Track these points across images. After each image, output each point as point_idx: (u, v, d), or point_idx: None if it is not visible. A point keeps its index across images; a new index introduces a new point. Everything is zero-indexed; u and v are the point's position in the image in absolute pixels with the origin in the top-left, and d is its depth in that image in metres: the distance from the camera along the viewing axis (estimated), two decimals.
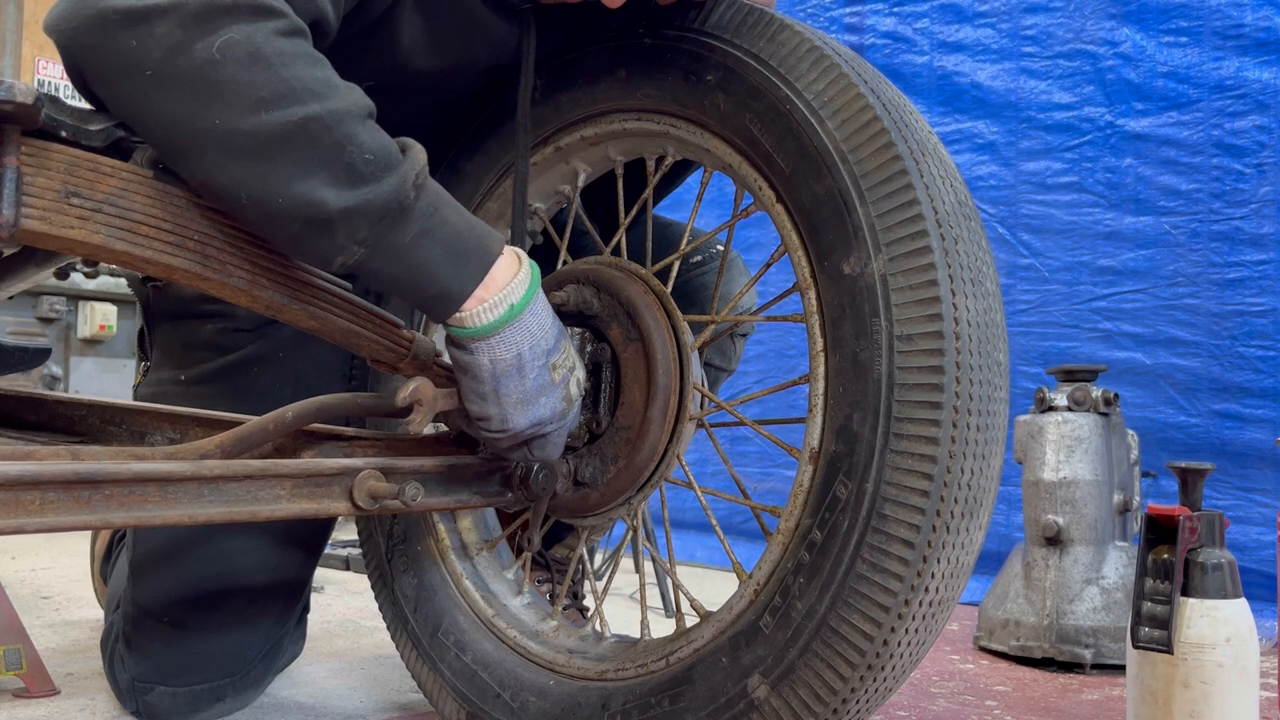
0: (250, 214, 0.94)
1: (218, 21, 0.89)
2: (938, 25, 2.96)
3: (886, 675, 1.05)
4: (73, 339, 4.30)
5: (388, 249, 0.96)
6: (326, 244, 0.95)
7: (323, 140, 0.92)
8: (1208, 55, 2.55)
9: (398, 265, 0.98)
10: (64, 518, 0.86)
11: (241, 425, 1.07)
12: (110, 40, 0.88)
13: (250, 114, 0.90)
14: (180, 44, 0.88)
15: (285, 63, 0.91)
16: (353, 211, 0.93)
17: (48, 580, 2.50)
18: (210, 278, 1.00)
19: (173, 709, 1.40)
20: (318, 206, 0.92)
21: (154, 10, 0.87)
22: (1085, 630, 1.96)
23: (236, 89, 0.89)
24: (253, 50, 0.90)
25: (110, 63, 0.89)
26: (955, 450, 1.01)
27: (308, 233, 0.94)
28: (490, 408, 1.05)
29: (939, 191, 1.05)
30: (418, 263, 0.98)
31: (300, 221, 0.93)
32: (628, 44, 1.24)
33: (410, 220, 0.97)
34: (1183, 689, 1.22)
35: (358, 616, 2.23)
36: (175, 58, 0.88)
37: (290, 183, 0.91)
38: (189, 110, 0.89)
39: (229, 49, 0.89)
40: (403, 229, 0.97)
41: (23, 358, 1.93)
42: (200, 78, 0.88)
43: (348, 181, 0.93)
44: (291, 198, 0.92)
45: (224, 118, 0.89)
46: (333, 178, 0.93)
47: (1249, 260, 2.48)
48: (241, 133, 0.90)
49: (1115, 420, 2.11)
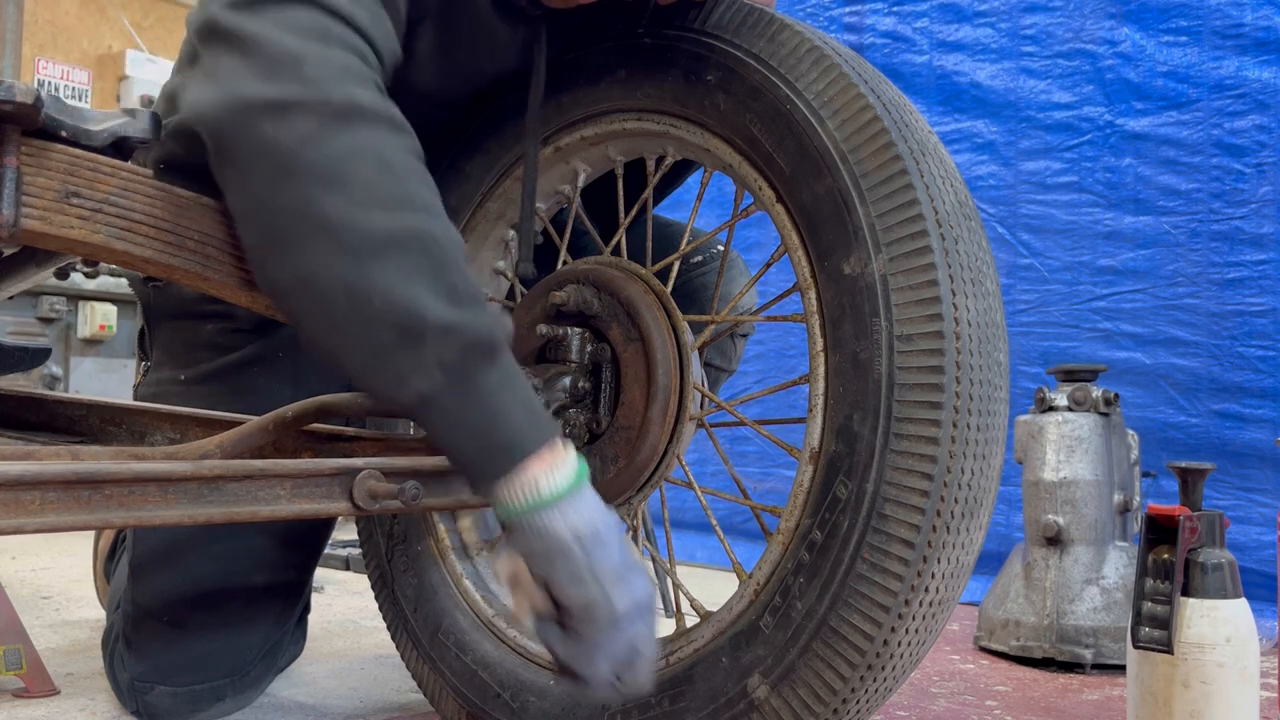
0: (341, 315, 0.91)
1: (354, 123, 0.91)
2: (937, 25, 2.96)
3: (886, 675, 1.05)
4: (73, 339, 4.29)
5: (467, 385, 0.91)
6: (410, 360, 0.90)
7: (433, 254, 0.91)
8: (1207, 55, 2.55)
9: (471, 405, 0.92)
10: (64, 518, 0.86)
11: (241, 425, 1.08)
12: (250, 126, 0.90)
13: (370, 211, 0.90)
14: (316, 136, 0.90)
15: (408, 176, 0.93)
16: (449, 328, 0.90)
17: (48, 580, 2.50)
18: (210, 278, 1.00)
19: (173, 709, 1.40)
20: (416, 314, 0.89)
21: (297, 103, 0.90)
22: (1085, 630, 1.96)
23: (361, 186, 0.90)
24: (382, 157, 0.92)
25: (245, 147, 0.91)
26: (955, 450, 1.01)
27: (396, 342, 0.90)
28: (592, 589, 0.91)
29: (939, 191, 1.05)
30: (494, 408, 0.92)
31: (393, 328, 0.90)
32: (628, 44, 1.24)
33: (497, 364, 0.93)
34: (1183, 689, 1.22)
35: (358, 616, 2.23)
36: (308, 148, 0.90)
37: (393, 285, 0.89)
38: (308, 197, 0.90)
39: (360, 150, 0.91)
40: (488, 370, 0.92)
41: (23, 358, 1.93)
42: (328, 169, 0.90)
43: (449, 299, 0.91)
44: (391, 300, 0.89)
45: (343, 210, 0.89)
46: (434, 291, 0.90)
47: (1249, 260, 2.48)
48: (357, 227, 0.89)
49: (1115, 420, 2.11)
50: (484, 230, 1.41)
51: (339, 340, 0.93)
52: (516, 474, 0.91)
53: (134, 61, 5.98)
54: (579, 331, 1.24)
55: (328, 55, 0.93)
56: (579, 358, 1.24)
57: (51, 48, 6.05)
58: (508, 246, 1.43)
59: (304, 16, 0.94)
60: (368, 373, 0.93)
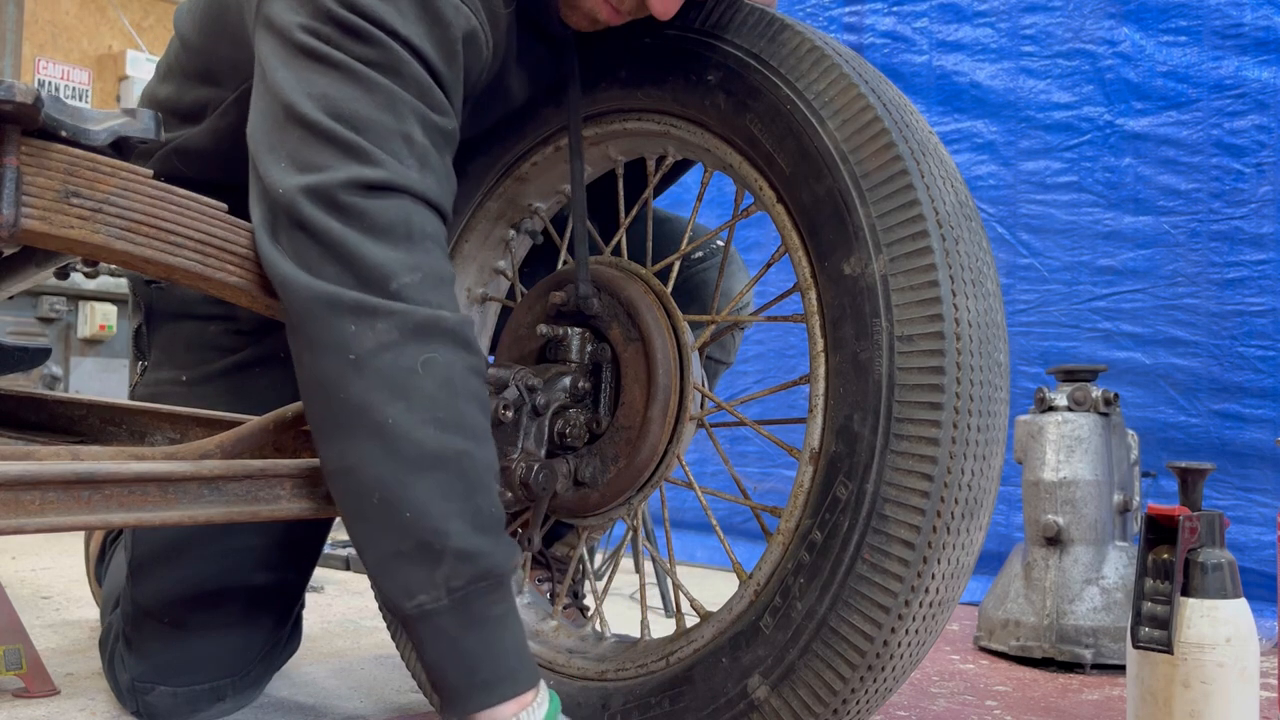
0: (372, 513, 0.96)
1: (431, 339, 0.96)
2: (937, 25, 2.96)
3: (886, 676, 1.05)
4: (73, 339, 4.29)
5: (469, 612, 0.95)
6: (422, 575, 0.94)
7: (469, 477, 0.96)
8: (1207, 55, 2.55)
9: (469, 632, 0.95)
10: (64, 518, 0.87)
11: (241, 425, 1.08)
12: (337, 319, 0.95)
13: (425, 427, 0.94)
14: (393, 344, 0.95)
15: (467, 398, 0.98)
16: (466, 555, 0.94)
17: (48, 580, 2.50)
18: (210, 278, 1.00)
19: (173, 709, 1.40)
20: (440, 534, 0.94)
21: (383, 310, 0.95)
22: (1085, 630, 1.96)
23: (422, 401, 0.95)
24: (448, 375, 0.97)
25: (328, 336, 0.96)
26: (955, 451, 1.01)
27: (414, 554, 0.94)
28: None
29: (939, 192, 1.05)
30: (488, 640, 0.96)
31: (416, 542, 0.94)
32: (628, 44, 1.24)
33: (501, 597, 0.97)
34: (1183, 689, 1.22)
35: (358, 616, 2.23)
36: (383, 353, 0.95)
37: (427, 502, 0.94)
38: (373, 400, 0.94)
39: (431, 365, 0.96)
40: (492, 602, 0.96)
41: (23, 358, 1.93)
42: (396, 379, 0.95)
43: (473, 526, 0.95)
44: (421, 515, 0.94)
45: (400, 419, 0.94)
46: (462, 515, 0.95)
47: (1249, 260, 2.48)
48: (409, 439, 0.94)
49: (1115, 420, 2.11)
50: (484, 230, 1.41)
51: (363, 531, 0.97)
52: (494, 712, 0.95)
53: (134, 61, 5.98)
54: (579, 331, 1.24)
55: (416, 264, 0.98)
56: (579, 358, 1.24)
57: (51, 48, 6.05)
58: (508, 246, 1.43)
59: (389, 213, 0.98)
60: (380, 571, 0.97)
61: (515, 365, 1.23)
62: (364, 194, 0.97)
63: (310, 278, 0.96)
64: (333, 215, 0.96)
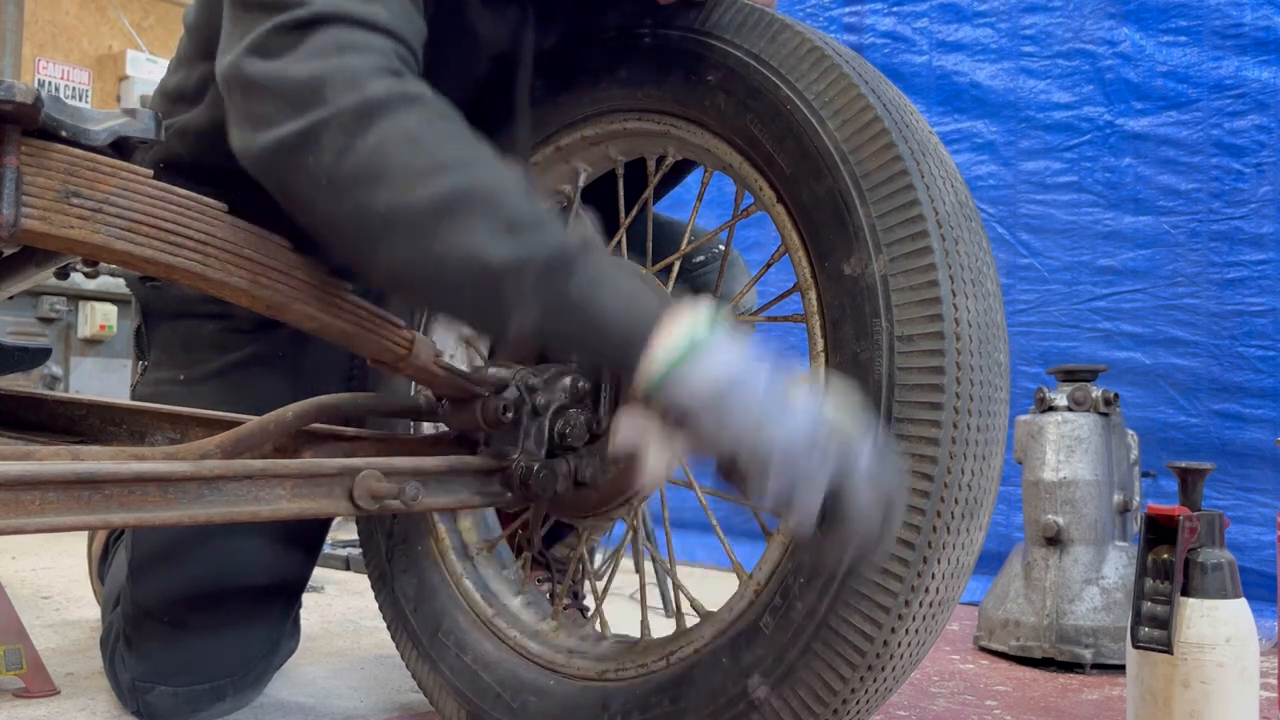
0: (434, 290, 0.98)
1: (374, 119, 0.95)
2: (937, 25, 2.96)
3: (887, 676, 1.05)
4: (73, 339, 4.29)
5: (559, 302, 0.94)
6: (498, 304, 0.94)
7: (477, 201, 0.95)
8: (1207, 55, 2.55)
9: (572, 317, 0.94)
10: (64, 518, 0.86)
11: (241, 425, 1.07)
12: (292, 161, 0.96)
13: (409, 190, 0.94)
14: (345, 147, 0.94)
15: (438, 142, 0.97)
16: (516, 265, 0.93)
17: (48, 580, 2.50)
18: (210, 278, 1.00)
19: (173, 709, 1.40)
20: (480, 263, 0.93)
21: (317, 125, 0.95)
22: (1085, 630, 1.96)
23: (396, 171, 0.94)
24: (407, 135, 0.95)
25: (295, 180, 0.97)
26: (955, 451, 1.01)
27: (479, 296, 0.95)
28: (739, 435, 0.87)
29: (939, 192, 1.05)
30: (594, 312, 0.94)
31: (470, 286, 0.95)
32: (628, 44, 1.24)
33: (578, 270, 0.94)
34: (1183, 689, 1.22)
35: (358, 616, 2.23)
36: (343, 160, 0.94)
37: (453, 248, 0.94)
38: (362, 201, 0.95)
39: (387, 139, 0.95)
40: (571, 281, 0.94)
41: (23, 358, 1.93)
42: (366, 170, 0.95)
43: (507, 237, 0.94)
44: (456, 262, 0.94)
45: (389, 199, 0.94)
46: (490, 236, 0.94)
47: (1248, 260, 2.48)
48: (406, 208, 0.94)
49: (1115, 420, 2.11)
50: None
51: (449, 308, 1.01)
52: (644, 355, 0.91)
53: (134, 61, 5.97)
54: None
55: (341, 66, 0.96)
56: None
57: (51, 48, 6.05)
58: None
59: (319, 40, 0.98)
60: (481, 328, 1.01)
61: (515, 365, 1.23)
62: (294, 33, 0.98)
63: (254, 132, 0.97)
64: (267, 60, 0.98)
